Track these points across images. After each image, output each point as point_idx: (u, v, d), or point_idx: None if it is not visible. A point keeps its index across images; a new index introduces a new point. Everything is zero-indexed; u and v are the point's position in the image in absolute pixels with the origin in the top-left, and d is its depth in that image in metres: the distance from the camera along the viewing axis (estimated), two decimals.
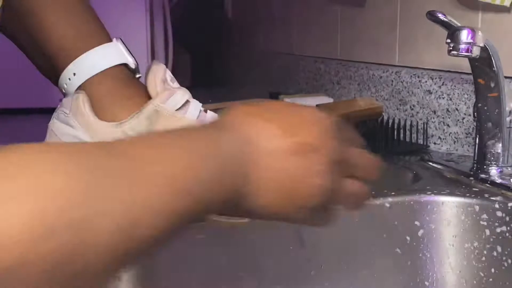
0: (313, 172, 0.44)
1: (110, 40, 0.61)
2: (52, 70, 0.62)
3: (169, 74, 0.60)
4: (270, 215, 0.45)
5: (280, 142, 0.44)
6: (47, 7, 0.61)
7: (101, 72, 0.59)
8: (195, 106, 0.60)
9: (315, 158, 0.45)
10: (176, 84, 0.61)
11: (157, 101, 0.58)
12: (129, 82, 0.61)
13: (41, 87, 0.66)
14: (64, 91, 0.61)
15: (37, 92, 1.14)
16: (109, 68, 0.60)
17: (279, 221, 0.47)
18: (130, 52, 0.62)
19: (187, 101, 0.60)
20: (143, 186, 0.34)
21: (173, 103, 0.59)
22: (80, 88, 0.60)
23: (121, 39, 0.62)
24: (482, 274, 0.69)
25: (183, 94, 0.60)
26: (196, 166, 0.38)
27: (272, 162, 0.43)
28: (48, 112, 0.62)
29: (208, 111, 0.62)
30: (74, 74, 0.59)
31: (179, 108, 0.59)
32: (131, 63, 0.61)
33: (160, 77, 0.59)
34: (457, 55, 0.71)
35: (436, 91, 0.94)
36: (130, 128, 0.57)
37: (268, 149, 0.43)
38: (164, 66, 0.61)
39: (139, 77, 0.63)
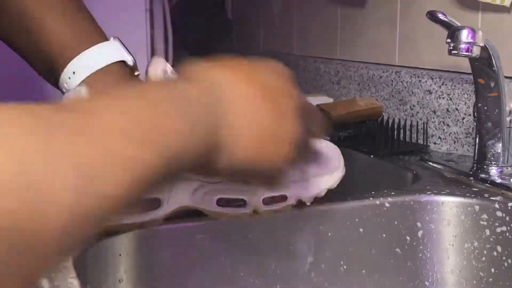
0: (285, 116, 0.44)
1: (107, 39, 0.62)
2: (51, 72, 0.62)
3: (169, 67, 0.60)
4: (248, 164, 0.44)
5: (248, 88, 0.43)
6: (45, 10, 0.61)
7: (100, 69, 0.60)
8: None
9: (285, 101, 0.44)
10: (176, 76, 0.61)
11: None
12: (127, 80, 0.61)
13: (41, 87, 0.66)
14: (64, 90, 0.61)
15: (37, 92, 1.14)
16: (108, 65, 0.60)
17: (251, 176, 0.46)
18: (127, 49, 0.62)
19: None
20: (100, 138, 0.32)
21: None
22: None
23: (118, 38, 0.63)
24: (482, 274, 0.69)
25: None
26: (160, 113, 0.36)
27: (243, 109, 0.42)
28: None
29: None
30: (74, 72, 0.59)
31: None
32: (129, 61, 0.62)
33: (161, 68, 0.59)
34: (457, 55, 0.71)
35: (436, 91, 0.94)
36: None
37: (239, 94, 0.43)
38: (164, 59, 0.61)
39: (138, 74, 0.63)
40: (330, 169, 0.63)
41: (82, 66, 0.59)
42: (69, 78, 0.60)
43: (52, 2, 0.61)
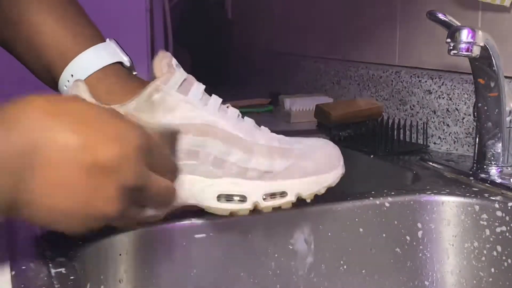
0: (101, 196, 0.41)
1: (104, 40, 0.62)
2: (50, 76, 0.62)
3: (175, 61, 0.60)
4: (51, 225, 0.42)
5: (73, 157, 0.39)
6: (43, 15, 0.60)
7: (98, 71, 0.59)
8: (198, 87, 0.60)
9: (107, 182, 0.41)
10: (181, 70, 0.61)
11: (158, 81, 0.58)
12: (127, 79, 0.61)
13: (41, 87, 0.66)
14: (64, 93, 0.61)
15: (37, 92, 1.14)
16: (105, 67, 0.60)
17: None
18: (124, 50, 0.62)
19: (187, 81, 0.59)
20: None
21: (173, 83, 0.58)
22: None
23: (114, 39, 0.63)
24: (482, 274, 0.69)
25: (181, 73, 0.59)
26: None
27: (56, 176, 0.39)
28: None
29: (213, 95, 0.62)
30: (72, 75, 0.59)
31: (182, 89, 0.59)
32: (126, 61, 0.62)
33: (166, 61, 0.59)
34: (457, 55, 0.71)
35: (436, 91, 0.94)
36: (133, 109, 0.57)
37: (55, 161, 0.39)
38: (170, 54, 0.61)
39: (135, 74, 0.63)
40: (330, 167, 0.63)
41: (79, 69, 0.59)
42: (68, 81, 0.60)
43: (50, 6, 0.61)
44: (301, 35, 1.45)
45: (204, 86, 0.61)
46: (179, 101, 0.58)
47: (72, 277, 0.49)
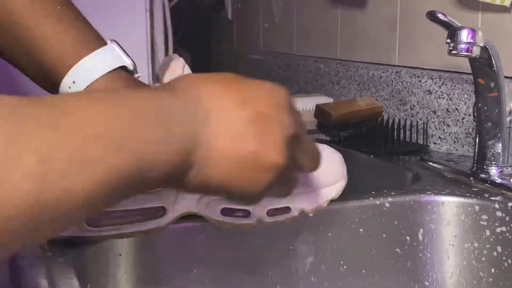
0: (270, 144, 0.42)
1: (105, 43, 0.60)
2: (50, 83, 0.60)
3: (187, 70, 0.59)
4: (221, 187, 0.42)
5: (237, 109, 0.41)
6: (40, 20, 0.58)
7: (100, 77, 0.57)
8: None
9: (272, 129, 0.43)
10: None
11: None
12: (130, 84, 0.59)
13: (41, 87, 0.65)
14: None
15: (37, 92, 1.14)
16: (108, 73, 0.57)
17: (231, 196, 0.45)
18: (126, 53, 0.60)
19: None
20: (70, 136, 0.32)
21: None
22: None
23: (115, 41, 0.61)
24: (482, 274, 0.69)
25: None
26: (134, 119, 0.35)
27: (227, 130, 0.41)
28: None
29: None
30: (74, 82, 0.57)
31: None
32: (129, 65, 0.59)
33: (178, 74, 0.58)
34: (457, 55, 0.71)
35: (436, 91, 0.94)
36: None
37: (223, 116, 0.41)
38: (182, 61, 0.59)
39: (138, 76, 0.62)
40: (333, 179, 0.63)
41: (81, 75, 0.57)
42: (69, 87, 0.57)
43: (47, 11, 0.59)
44: (301, 35, 1.45)
45: None
46: None
47: (72, 277, 0.49)
